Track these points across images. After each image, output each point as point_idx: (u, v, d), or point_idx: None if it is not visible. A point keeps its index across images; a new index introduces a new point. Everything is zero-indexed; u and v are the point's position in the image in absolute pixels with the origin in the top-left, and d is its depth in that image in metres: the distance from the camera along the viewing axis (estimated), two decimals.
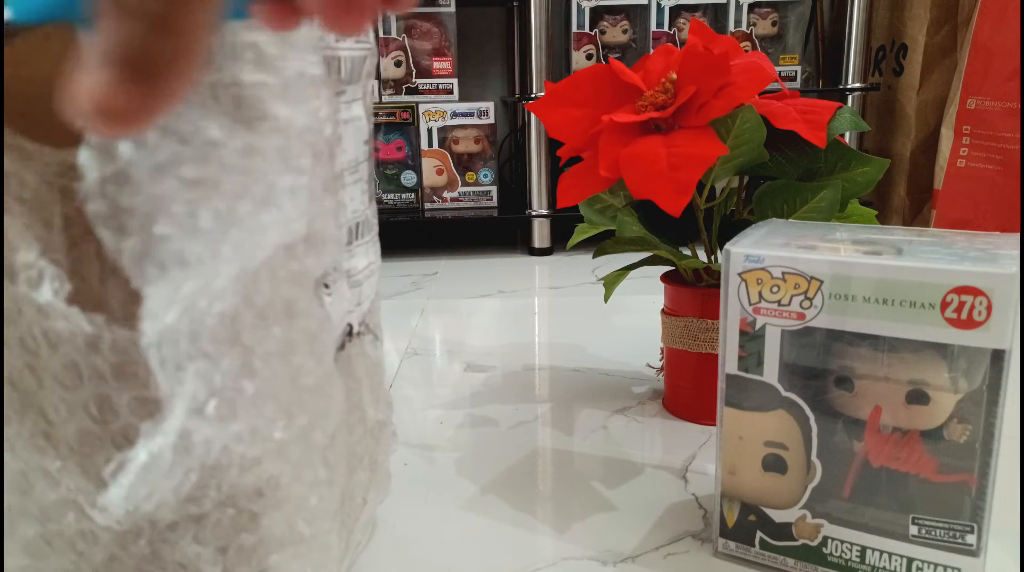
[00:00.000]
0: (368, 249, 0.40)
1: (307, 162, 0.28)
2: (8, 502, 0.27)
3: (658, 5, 1.36)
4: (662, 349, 0.67)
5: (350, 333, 0.38)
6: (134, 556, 0.28)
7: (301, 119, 0.27)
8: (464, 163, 1.39)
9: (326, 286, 0.34)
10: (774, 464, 0.42)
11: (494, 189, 1.41)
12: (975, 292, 0.35)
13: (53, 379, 0.26)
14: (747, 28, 1.38)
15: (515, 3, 1.47)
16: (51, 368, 0.26)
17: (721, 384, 0.42)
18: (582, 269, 1.25)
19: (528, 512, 0.51)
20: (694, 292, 0.62)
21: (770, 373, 0.41)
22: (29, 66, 0.25)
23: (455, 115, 1.37)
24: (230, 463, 0.28)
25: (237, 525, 0.29)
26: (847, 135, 1.37)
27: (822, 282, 0.38)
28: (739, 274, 0.40)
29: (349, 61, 0.35)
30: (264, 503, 0.29)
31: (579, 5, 1.36)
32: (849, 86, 1.38)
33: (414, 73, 1.37)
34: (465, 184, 1.40)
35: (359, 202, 0.38)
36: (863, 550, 0.40)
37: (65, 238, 0.26)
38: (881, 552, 0.40)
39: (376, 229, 0.41)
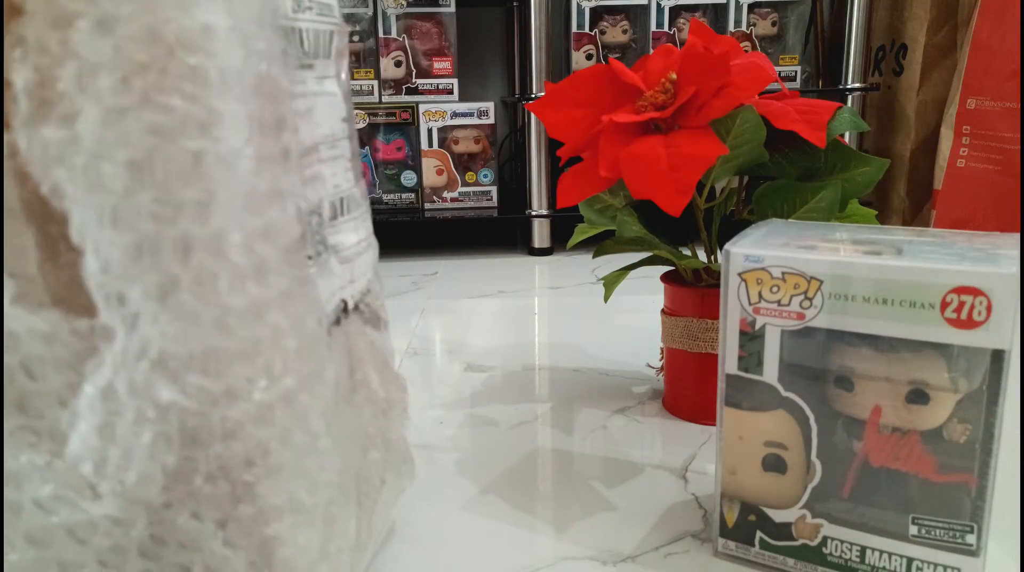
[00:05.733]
0: (357, 226, 0.40)
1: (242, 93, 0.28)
2: (7, 496, 0.27)
3: (658, 5, 1.36)
4: (662, 349, 0.67)
5: (345, 309, 0.38)
6: (135, 540, 0.29)
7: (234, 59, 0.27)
8: (464, 163, 1.39)
9: (309, 257, 0.34)
10: (774, 464, 0.42)
11: (494, 189, 1.41)
12: (975, 292, 0.35)
13: (23, 373, 0.26)
14: (747, 28, 1.38)
15: (515, 3, 1.47)
16: (17, 363, 0.26)
17: (721, 384, 0.42)
18: (582, 269, 1.25)
19: (528, 512, 0.51)
20: (694, 292, 0.62)
21: (770, 373, 0.41)
22: None
23: (455, 115, 1.37)
24: (211, 430, 0.28)
25: (233, 497, 0.29)
26: (847, 135, 1.37)
27: (822, 282, 0.38)
28: (739, 274, 0.40)
29: (312, 34, 0.35)
30: (257, 472, 0.29)
31: (579, 5, 1.36)
32: (849, 86, 1.38)
33: (414, 73, 1.37)
34: (465, 184, 1.40)
35: (342, 178, 0.39)
36: (863, 550, 0.40)
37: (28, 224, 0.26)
38: (881, 552, 0.40)
39: (365, 207, 0.42)
